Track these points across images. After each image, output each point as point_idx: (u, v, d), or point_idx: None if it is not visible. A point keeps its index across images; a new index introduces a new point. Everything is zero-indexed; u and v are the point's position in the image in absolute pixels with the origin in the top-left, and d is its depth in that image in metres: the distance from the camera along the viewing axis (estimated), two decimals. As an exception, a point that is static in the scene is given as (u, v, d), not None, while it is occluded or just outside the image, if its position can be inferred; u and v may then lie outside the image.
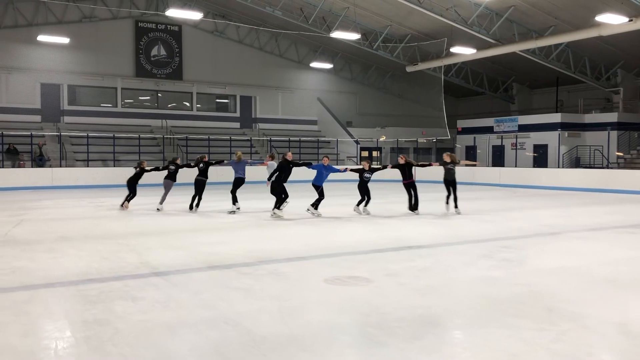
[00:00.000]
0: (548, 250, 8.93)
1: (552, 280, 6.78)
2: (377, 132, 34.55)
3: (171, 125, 31.23)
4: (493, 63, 32.06)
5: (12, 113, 27.44)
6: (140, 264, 7.61)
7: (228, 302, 5.76)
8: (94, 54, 29.59)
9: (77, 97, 30.16)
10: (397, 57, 30.76)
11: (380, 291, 6.21)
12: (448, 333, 5.01)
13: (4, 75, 27.70)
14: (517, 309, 5.48)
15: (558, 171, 26.30)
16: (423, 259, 8.08)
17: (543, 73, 31.55)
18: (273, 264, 7.61)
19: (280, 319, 5.19)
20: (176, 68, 32.05)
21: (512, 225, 12.06)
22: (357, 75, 37.72)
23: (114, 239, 9.84)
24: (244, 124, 34.57)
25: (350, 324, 5.13)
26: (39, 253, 8.44)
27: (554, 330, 4.87)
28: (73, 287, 6.38)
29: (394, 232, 10.81)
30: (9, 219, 12.56)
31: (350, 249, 8.91)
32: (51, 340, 4.71)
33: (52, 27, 27.95)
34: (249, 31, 33.20)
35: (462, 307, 5.65)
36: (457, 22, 24.02)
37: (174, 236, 10.32)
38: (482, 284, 6.59)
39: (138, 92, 31.84)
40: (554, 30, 24.75)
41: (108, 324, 5.00)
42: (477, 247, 9.17)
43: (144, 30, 31.10)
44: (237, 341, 4.60)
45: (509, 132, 32.18)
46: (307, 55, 35.46)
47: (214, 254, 8.41)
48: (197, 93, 33.17)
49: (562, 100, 34.29)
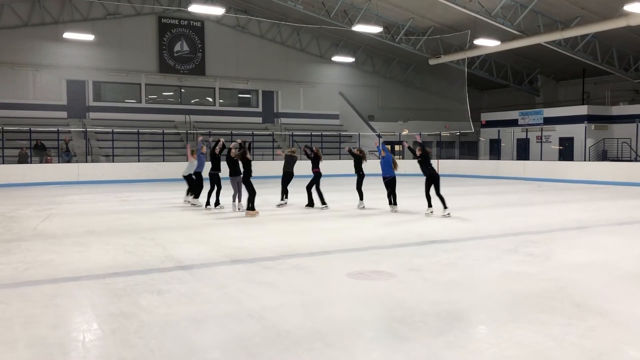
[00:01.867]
0: (575, 244, 8.79)
1: (579, 275, 6.67)
2: (399, 126, 34.33)
3: (194, 120, 31.45)
4: (517, 55, 31.59)
5: (40, 109, 27.94)
6: (166, 258, 7.69)
7: (252, 296, 5.79)
8: (118, 50, 29.94)
9: (102, 93, 30.56)
10: (419, 50, 30.50)
11: (404, 286, 6.18)
12: (473, 328, 4.96)
13: (32, 73, 28.18)
14: (544, 304, 5.40)
15: (584, 164, 25.85)
16: (447, 253, 8.02)
17: (569, 65, 30.99)
18: (297, 259, 7.63)
19: (304, 313, 5.20)
20: (199, 63, 32.25)
21: (537, 219, 11.89)
22: (379, 68, 37.51)
23: (139, 233, 9.96)
24: (266, 118, 34.66)
25: (374, 319, 5.11)
26: (67, 247, 8.58)
27: (582, 325, 4.79)
28: (100, 280, 6.48)
29: (418, 227, 10.74)
30: (37, 214, 12.80)
31: (373, 243, 8.88)
32: (79, 333, 4.79)
33: (78, 24, 28.33)
34: (271, 26, 33.22)
35: (488, 302, 5.60)
36: (480, 14, 23.70)
37: (198, 230, 10.40)
38: (508, 279, 6.51)
39: (161, 88, 32.12)
40: (581, 21, 24.26)
41: (134, 317, 5.06)
42: (502, 241, 9.06)
43: (167, 26, 31.33)
44: (261, 335, 4.62)
45: (534, 125, 31.72)
46: (329, 49, 35.37)
47: (238, 248, 8.46)
48: (220, 88, 33.33)
49: (589, 92, 33.66)
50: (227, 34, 32.80)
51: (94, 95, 30.06)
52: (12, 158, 23.89)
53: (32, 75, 28.20)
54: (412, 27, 28.81)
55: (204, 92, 33.24)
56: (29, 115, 27.27)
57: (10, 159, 23.82)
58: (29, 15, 27.74)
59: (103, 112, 29.78)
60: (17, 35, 27.49)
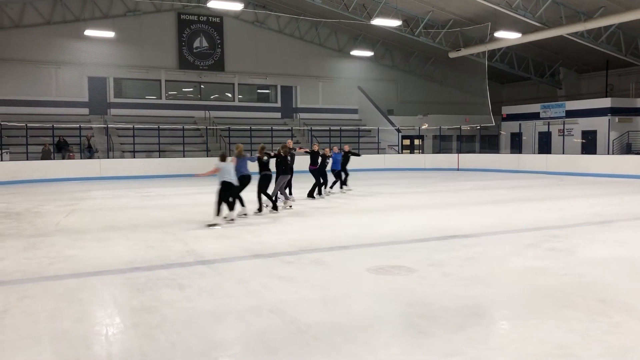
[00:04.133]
0: (598, 239, 8.66)
1: (603, 270, 6.57)
2: (419, 120, 34.10)
3: (214, 116, 31.60)
4: (539, 47, 31.10)
5: (62, 106, 28.29)
6: (186, 253, 7.75)
7: (272, 290, 5.80)
8: (139, 47, 30.18)
9: (123, 90, 30.84)
10: (439, 43, 30.22)
11: (424, 281, 6.15)
12: (495, 324, 4.91)
13: (54, 70, 28.55)
14: (566, 300, 5.33)
15: (608, 158, 25.41)
16: (468, 248, 7.95)
17: (592, 56, 30.44)
18: (316, 253, 7.63)
19: (324, 308, 5.20)
20: (218, 59, 32.36)
21: (559, 214, 11.73)
22: (399, 62, 37.27)
23: (160, 228, 10.05)
24: (285, 114, 34.68)
25: (394, 314, 5.10)
26: (89, 242, 8.70)
27: (606, 321, 4.72)
28: (121, 275, 6.56)
29: (438, 222, 10.66)
30: (60, 209, 12.99)
31: (393, 238, 8.85)
32: (102, 327, 4.85)
33: (98, 21, 28.61)
34: (289, 21, 33.19)
35: (509, 298, 5.54)
36: (501, 6, 23.38)
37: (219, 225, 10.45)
38: (530, 274, 6.44)
39: (181, 84, 32.31)
40: (604, 12, 23.79)
41: (156, 311, 5.11)
42: (523, 236, 8.95)
43: (186, 22, 31.48)
44: (281, 329, 4.63)
45: (556, 118, 31.25)
46: (348, 43, 35.22)
47: (258, 242, 8.49)
48: (239, 84, 33.41)
49: (612, 84, 33.04)
50: (246, 30, 32.85)
51: (115, 92, 30.36)
52: (35, 154, 24.25)
53: (54, 73, 28.58)
54: (431, 20, 28.56)
55: (223, 88, 33.37)
56: (52, 112, 27.64)
57: (34, 156, 24.18)
58: (51, 13, 28.09)
59: (124, 109, 30.07)
60: (39, 33, 27.86)
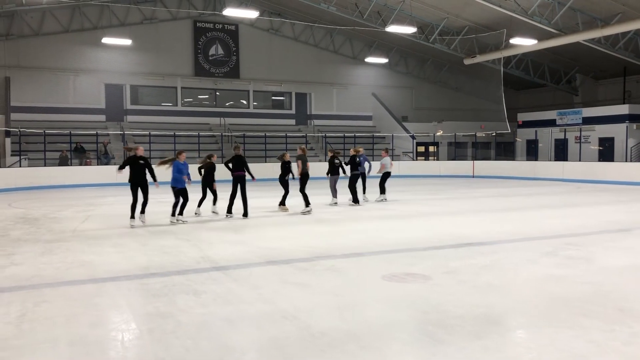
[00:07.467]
0: (616, 247, 8.54)
1: (621, 279, 6.48)
2: (433, 127, 33.99)
3: (229, 123, 31.76)
4: (555, 54, 30.89)
5: (79, 113, 28.64)
6: (201, 259, 7.77)
7: (287, 297, 5.80)
8: (155, 54, 30.49)
9: (139, 97, 31.14)
10: (454, 49, 30.13)
11: (439, 289, 6.10)
12: (511, 332, 4.86)
13: (72, 77, 28.93)
14: (585, 309, 5.26)
15: (626, 165, 25.11)
16: (484, 256, 7.89)
17: (609, 63, 30.16)
18: (330, 260, 7.62)
19: (338, 315, 5.18)
20: (233, 67, 32.57)
21: (577, 221, 11.60)
22: (413, 69, 37.22)
23: (175, 234, 10.11)
24: (300, 120, 34.77)
25: (409, 322, 5.06)
26: (105, 247, 8.76)
27: (626, 331, 4.64)
28: (137, 280, 6.60)
29: (453, 229, 10.60)
30: (77, 215, 13.12)
31: (408, 245, 8.81)
32: (118, 332, 4.88)
33: (115, 29, 28.96)
34: (304, 28, 33.33)
35: (526, 306, 5.48)
36: (516, 13, 23.27)
37: (233, 231, 10.50)
38: (547, 282, 6.36)
39: (197, 91, 32.56)
40: (622, 18, 23.57)
41: (171, 317, 5.13)
42: (540, 244, 8.86)
43: (202, 30, 31.75)
44: (295, 336, 4.62)
45: (572, 124, 30.97)
46: (362, 50, 35.27)
47: (273, 249, 8.50)
48: (254, 91, 33.59)
49: (630, 90, 32.70)
50: (261, 37, 33.05)
51: (131, 99, 30.68)
52: (53, 160, 24.55)
53: (72, 80, 28.94)
54: (446, 27, 28.50)
55: (239, 95, 33.56)
56: (69, 118, 27.98)
57: (52, 162, 24.47)
58: (70, 21, 28.49)
59: (140, 115, 30.35)
60: (58, 41, 28.26)
